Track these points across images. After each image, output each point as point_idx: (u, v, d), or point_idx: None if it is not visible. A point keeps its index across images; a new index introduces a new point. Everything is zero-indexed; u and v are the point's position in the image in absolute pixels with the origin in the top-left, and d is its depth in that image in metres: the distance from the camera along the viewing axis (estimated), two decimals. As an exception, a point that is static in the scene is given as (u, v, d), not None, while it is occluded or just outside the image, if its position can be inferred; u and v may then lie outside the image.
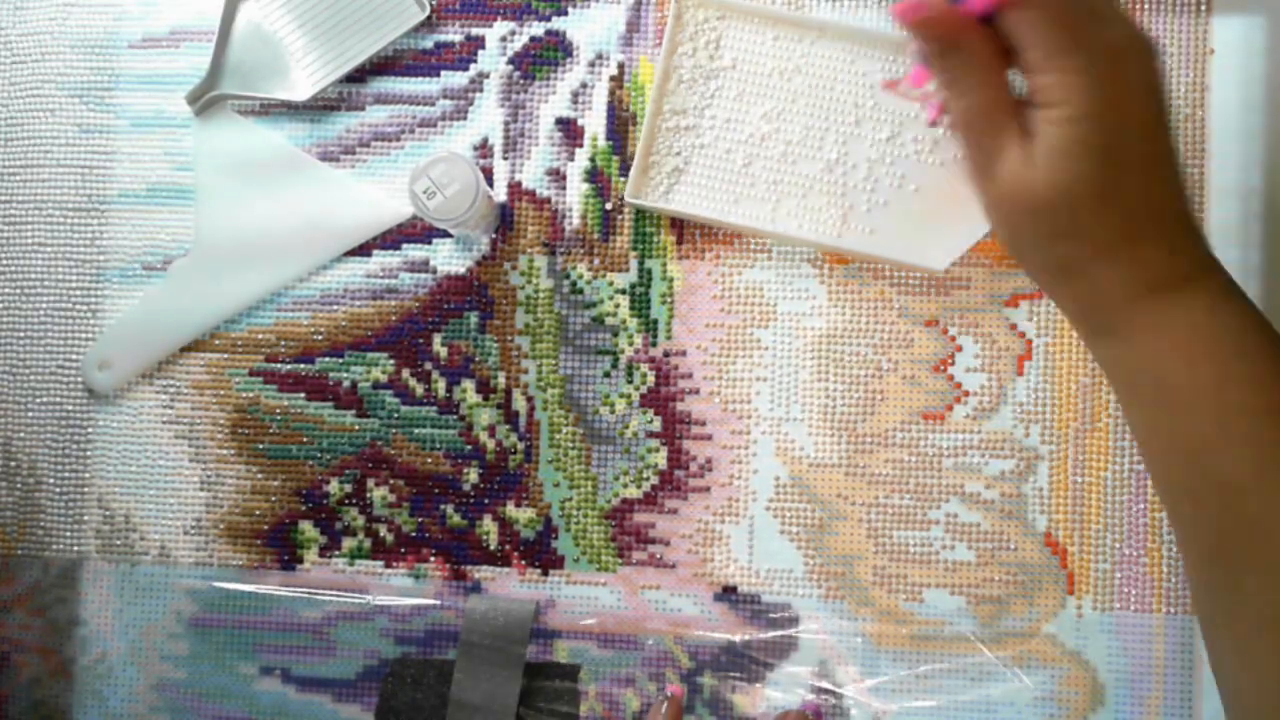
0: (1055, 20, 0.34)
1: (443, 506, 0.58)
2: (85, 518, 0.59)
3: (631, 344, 0.58)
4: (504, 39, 0.59)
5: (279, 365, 0.58)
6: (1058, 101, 0.35)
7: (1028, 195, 0.36)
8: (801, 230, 0.56)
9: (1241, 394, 0.35)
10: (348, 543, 0.58)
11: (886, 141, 0.56)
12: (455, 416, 0.58)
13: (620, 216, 0.58)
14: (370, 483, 0.58)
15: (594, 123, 0.58)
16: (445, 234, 0.58)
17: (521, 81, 0.59)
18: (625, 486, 0.57)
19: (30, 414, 0.59)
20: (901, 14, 0.35)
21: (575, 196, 0.58)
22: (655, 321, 0.58)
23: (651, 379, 0.57)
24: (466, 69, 0.59)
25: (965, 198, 0.55)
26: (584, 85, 0.59)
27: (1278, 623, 0.35)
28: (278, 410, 0.58)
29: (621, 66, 0.58)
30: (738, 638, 0.56)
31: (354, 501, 0.58)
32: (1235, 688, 0.37)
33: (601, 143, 0.58)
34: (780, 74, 0.56)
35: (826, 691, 0.56)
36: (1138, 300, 0.37)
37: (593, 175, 0.58)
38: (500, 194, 0.59)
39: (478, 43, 0.59)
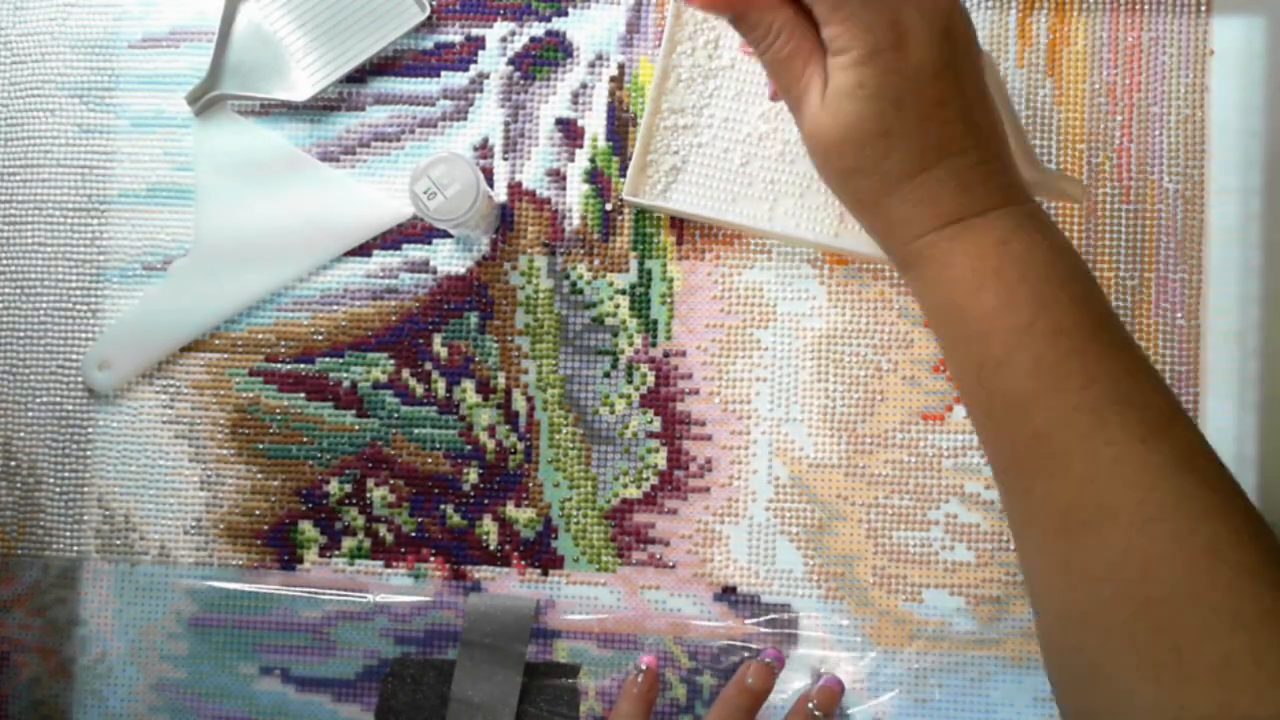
0: None
1: (443, 506, 0.58)
2: (85, 518, 0.59)
3: (631, 344, 0.58)
4: (504, 39, 0.59)
5: (279, 365, 0.58)
6: (843, 49, 0.38)
7: (823, 135, 0.39)
8: (799, 229, 0.56)
9: (1024, 316, 0.38)
10: (348, 543, 0.58)
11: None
12: (455, 416, 0.58)
13: (620, 217, 0.58)
14: (370, 483, 0.58)
15: (594, 123, 0.58)
16: (445, 234, 0.58)
17: (521, 82, 0.59)
18: (625, 487, 0.57)
19: (30, 414, 0.59)
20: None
21: (575, 197, 0.58)
22: (655, 322, 0.58)
23: (651, 379, 0.57)
24: (466, 69, 0.59)
25: None
26: (584, 86, 0.59)
27: (1065, 522, 0.37)
28: (278, 410, 0.58)
29: (621, 67, 0.58)
30: (738, 637, 0.56)
31: (354, 501, 0.58)
32: (1037, 587, 0.39)
33: (601, 143, 0.58)
34: None
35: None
36: (929, 233, 0.39)
37: (593, 176, 0.58)
38: (500, 194, 0.59)
39: (478, 43, 0.59)
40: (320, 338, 0.58)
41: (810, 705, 0.53)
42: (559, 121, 0.59)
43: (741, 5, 0.39)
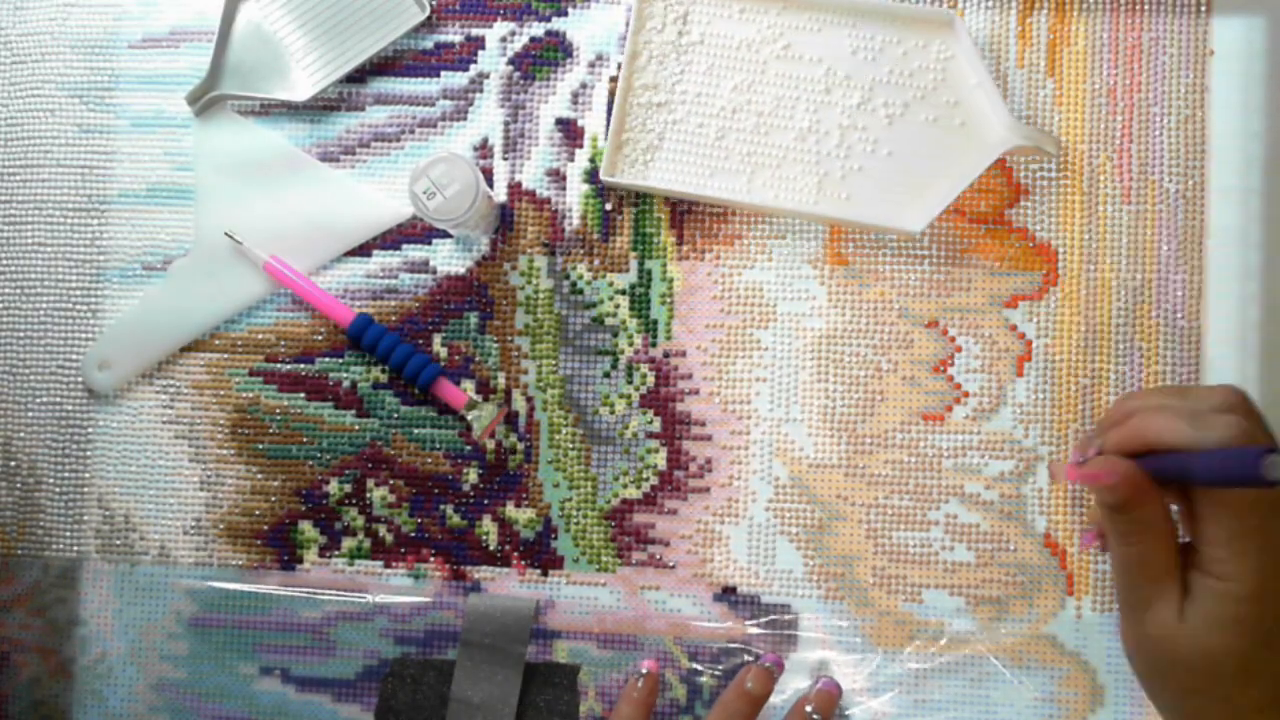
0: (1248, 511, 0.36)
1: (442, 507, 0.58)
2: (85, 518, 0.59)
3: (631, 344, 0.58)
4: (504, 39, 0.59)
5: (279, 365, 0.58)
6: (1226, 576, 0.37)
7: (1174, 650, 0.38)
8: (778, 200, 0.56)
9: None
10: (347, 543, 0.58)
11: (857, 108, 0.56)
12: (455, 417, 0.58)
13: (620, 217, 0.58)
14: (370, 483, 0.58)
15: (594, 123, 0.58)
16: (445, 234, 0.58)
17: (521, 82, 0.59)
18: (625, 487, 0.57)
19: (30, 414, 0.59)
20: (1080, 479, 0.38)
21: (575, 197, 0.58)
22: (655, 322, 0.58)
23: (651, 379, 0.57)
24: (466, 69, 0.59)
25: (939, 159, 0.55)
26: (584, 85, 0.59)
27: None
28: (278, 410, 0.58)
29: (621, 67, 0.58)
30: (738, 637, 0.56)
31: (354, 501, 0.58)
32: None
33: (601, 143, 0.58)
34: (748, 46, 0.57)
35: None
36: None
37: (593, 175, 0.58)
38: (500, 194, 0.59)
39: (478, 43, 0.59)
40: (320, 338, 0.58)
41: (808, 709, 0.53)
42: (559, 121, 0.59)
43: (1136, 496, 0.38)
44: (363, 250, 0.59)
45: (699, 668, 0.56)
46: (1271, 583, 0.37)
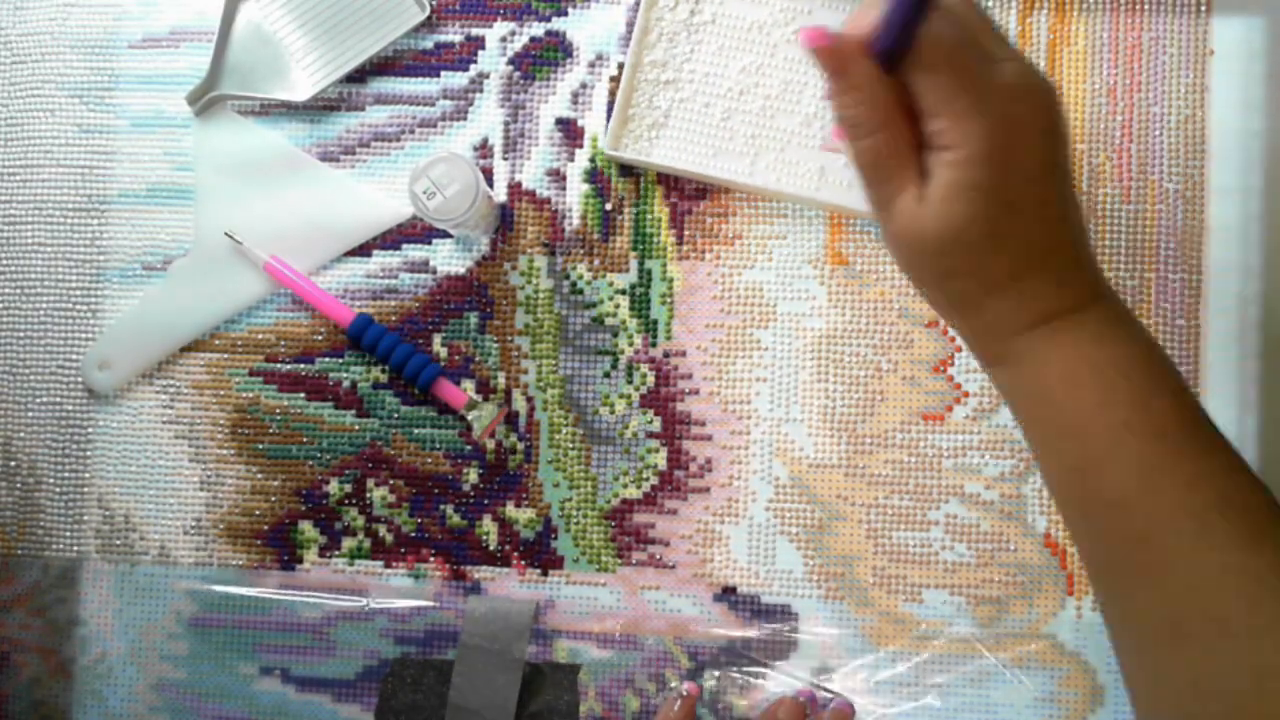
0: (948, 66, 0.35)
1: (442, 507, 0.58)
2: (85, 518, 0.59)
3: (631, 344, 0.58)
4: (504, 39, 0.59)
5: (279, 365, 0.58)
6: (950, 145, 0.36)
7: (920, 236, 0.37)
8: (780, 184, 0.56)
9: (1124, 415, 0.37)
10: (347, 543, 0.58)
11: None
12: (455, 417, 0.58)
13: (620, 217, 0.58)
14: (370, 483, 0.58)
15: (594, 123, 0.58)
16: (445, 234, 0.58)
17: (521, 82, 0.59)
18: (625, 487, 0.57)
19: (30, 414, 0.59)
20: (807, 38, 0.36)
21: (575, 196, 0.58)
22: (655, 322, 0.58)
23: (651, 379, 0.57)
24: (466, 69, 0.59)
25: None
26: (584, 85, 0.59)
27: (1170, 630, 0.36)
28: (278, 410, 0.58)
29: (621, 67, 0.58)
30: (738, 638, 0.56)
31: (354, 501, 0.58)
32: (1138, 688, 0.38)
33: (602, 140, 0.58)
34: (759, 28, 0.57)
35: (827, 692, 0.56)
36: (1026, 331, 0.38)
37: (593, 175, 0.58)
38: (500, 194, 0.59)
39: (478, 43, 0.59)
40: (320, 338, 0.58)
41: None
42: (559, 121, 0.59)
43: (851, 68, 0.36)
44: (363, 250, 0.59)
45: (699, 667, 0.56)
46: (999, 140, 0.35)
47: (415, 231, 0.59)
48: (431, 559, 0.58)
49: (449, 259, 0.58)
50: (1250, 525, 0.35)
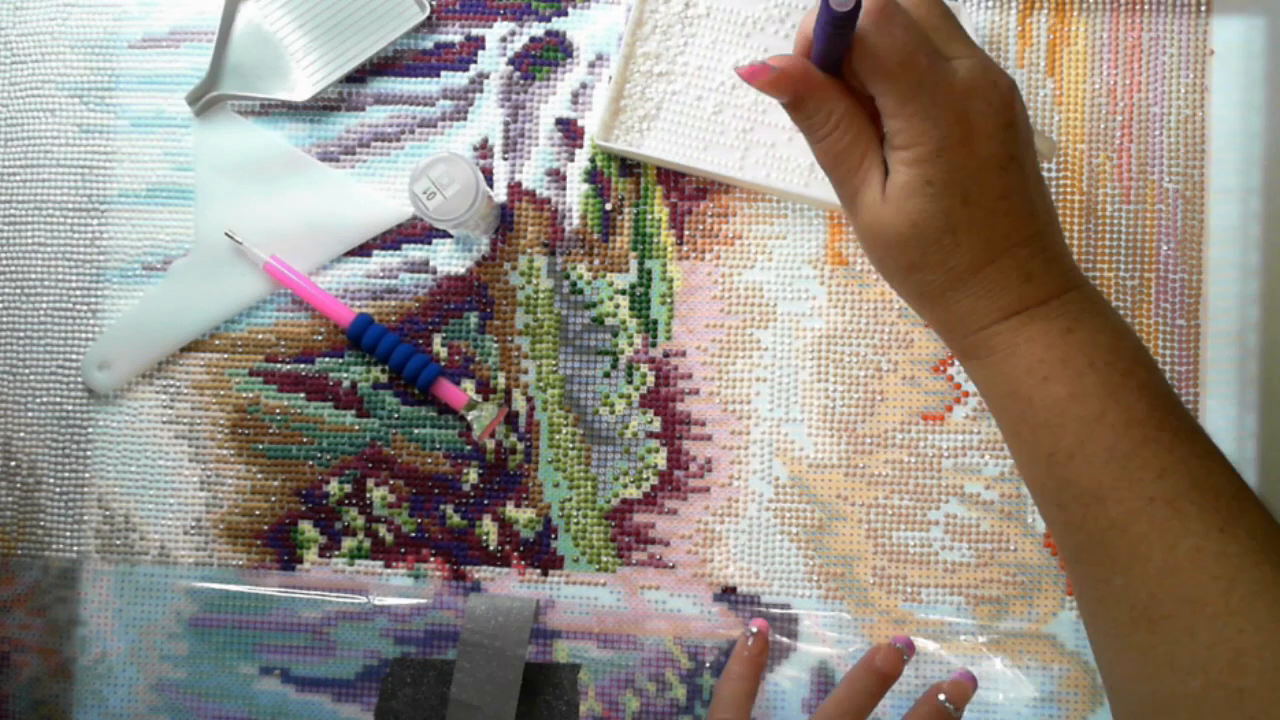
0: (901, 70, 0.36)
1: (442, 506, 0.58)
2: (85, 518, 0.59)
3: (631, 344, 0.58)
4: (504, 39, 0.59)
5: (279, 365, 0.58)
6: (908, 144, 0.37)
7: (883, 231, 0.38)
8: (769, 179, 0.56)
9: (1095, 406, 0.37)
10: (347, 543, 0.58)
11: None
12: (455, 417, 0.58)
13: (620, 217, 0.58)
14: (370, 483, 0.58)
15: (594, 123, 0.58)
16: (445, 234, 0.58)
17: (521, 82, 0.59)
18: (625, 487, 0.57)
19: (30, 414, 0.59)
20: (746, 77, 0.37)
21: (575, 196, 0.58)
22: (655, 322, 0.58)
23: (651, 379, 0.57)
24: (466, 69, 0.59)
25: None
26: (584, 85, 0.59)
27: (1145, 619, 0.37)
28: (278, 410, 0.58)
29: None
30: (737, 638, 0.56)
31: (354, 501, 0.58)
32: (1113, 675, 0.39)
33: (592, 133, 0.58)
34: (754, 23, 0.57)
35: (827, 691, 0.56)
36: (993, 325, 0.39)
37: (593, 175, 0.58)
38: (500, 194, 0.59)
39: (478, 43, 0.59)
40: (320, 338, 0.58)
41: (941, 697, 0.53)
42: (559, 121, 0.59)
43: (802, 89, 0.37)
44: (363, 250, 0.59)
45: (699, 667, 0.56)
46: (953, 137, 0.36)
47: (415, 231, 0.59)
48: (431, 559, 0.58)
49: (449, 259, 0.58)
50: (1221, 509, 0.36)
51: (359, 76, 0.59)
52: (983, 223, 0.37)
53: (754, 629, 0.55)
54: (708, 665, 0.56)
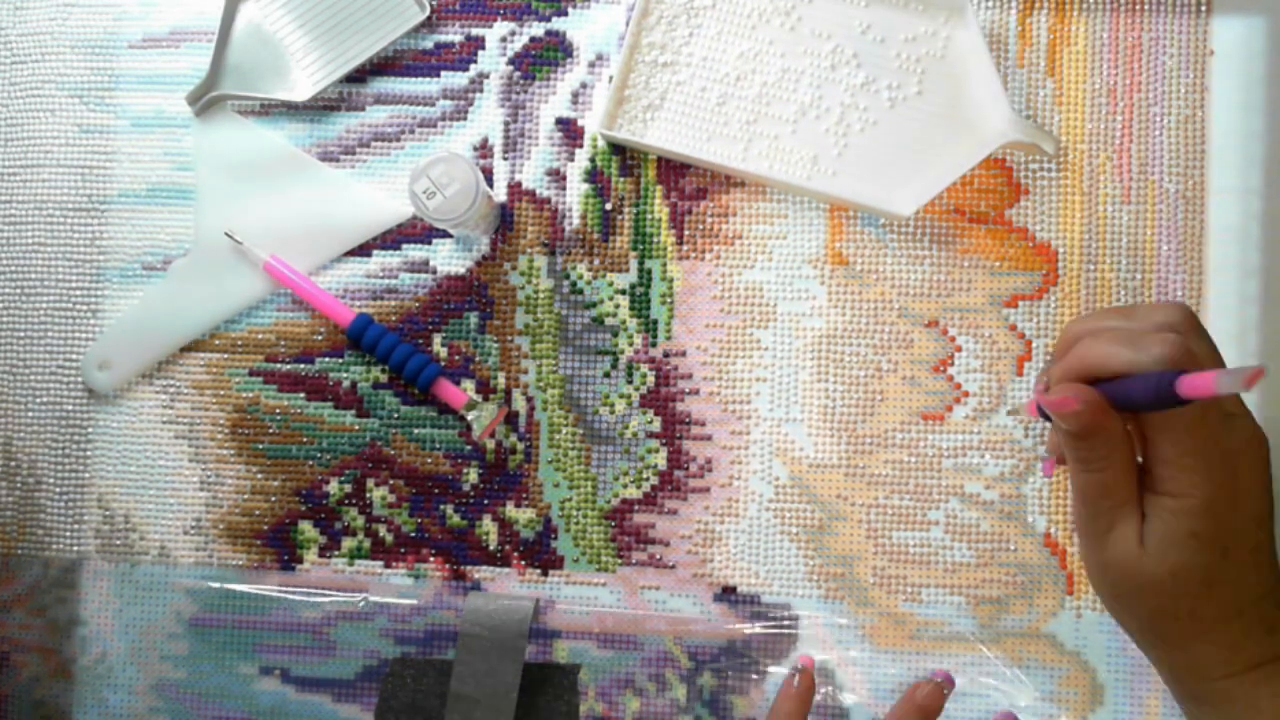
0: (1196, 422, 0.37)
1: (442, 506, 0.58)
2: (85, 518, 0.59)
3: (631, 344, 0.58)
4: (504, 39, 0.59)
5: (279, 365, 0.58)
6: (1178, 493, 0.37)
7: (1137, 574, 0.38)
8: (772, 171, 0.56)
9: None
10: (347, 543, 0.58)
11: (860, 88, 0.56)
12: (455, 417, 0.58)
13: (620, 217, 0.58)
14: (370, 483, 0.58)
15: (594, 123, 0.58)
16: (445, 234, 0.58)
17: (521, 81, 0.59)
18: (625, 487, 0.57)
19: (30, 414, 0.59)
20: (1054, 407, 0.37)
21: (575, 196, 0.58)
22: (655, 322, 0.58)
23: (651, 379, 0.57)
24: (466, 69, 0.59)
25: (935, 145, 0.55)
26: (584, 85, 0.59)
27: None
28: (278, 410, 0.58)
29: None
30: (738, 638, 0.56)
31: (354, 501, 0.58)
32: None
33: (601, 143, 0.58)
34: (760, 15, 0.57)
35: (827, 691, 0.56)
36: (1234, 676, 0.39)
37: (593, 175, 0.58)
38: (500, 194, 0.59)
39: (478, 43, 0.59)
40: (320, 338, 0.58)
41: (925, 691, 0.53)
42: (559, 121, 0.59)
43: (1102, 423, 0.37)
44: (363, 250, 0.59)
45: (699, 667, 0.56)
46: (1221, 491, 0.37)
47: (415, 231, 0.59)
48: (431, 559, 0.58)
49: (449, 259, 0.58)
50: None
51: (359, 76, 0.59)
52: (1238, 576, 0.38)
53: (800, 665, 0.54)
54: (708, 665, 0.56)
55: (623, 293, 0.58)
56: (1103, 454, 0.38)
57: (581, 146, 0.58)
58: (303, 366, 0.58)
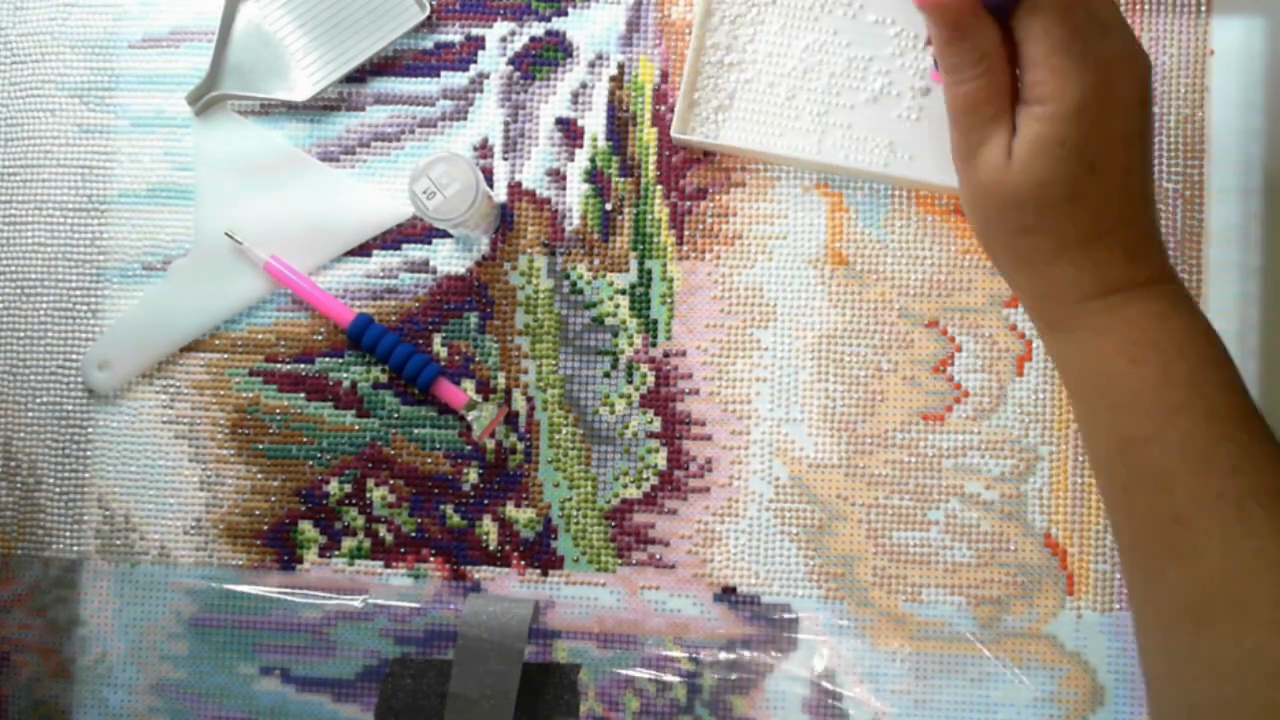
0: (1060, 20, 0.36)
1: (442, 507, 0.58)
2: (85, 518, 0.59)
3: (631, 344, 0.58)
4: (504, 39, 0.59)
5: (279, 365, 0.58)
6: (1045, 98, 0.36)
7: (1001, 187, 0.37)
8: (848, 160, 0.56)
9: (1178, 394, 0.37)
10: (347, 543, 0.58)
11: (929, 71, 0.56)
12: (455, 417, 0.58)
13: (620, 217, 0.58)
14: (370, 483, 0.58)
15: (594, 123, 0.58)
16: (445, 234, 0.58)
17: (521, 82, 0.59)
18: (625, 487, 0.57)
19: (30, 414, 0.59)
20: (926, 3, 0.36)
21: (575, 196, 0.58)
22: (655, 322, 0.58)
23: (651, 379, 0.57)
24: (466, 69, 0.59)
25: None
26: (584, 85, 0.59)
27: (1195, 611, 0.36)
28: (278, 410, 0.58)
29: (621, 67, 0.58)
30: (738, 637, 0.56)
31: (354, 501, 0.58)
32: (1157, 672, 0.38)
33: (601, 143, 0.58)
34: (821, 6, 0.57)
35: (827, 691, 0.56)
36: (1090, 299, 0.38)
37: (593, 175, 0.58)
38: (500, 194, 0.59)
39: (478, 43, 0.59)
40: (320, 338, 0.58)
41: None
42: (559, 121, 0.59)
43: (967, 19, 0.36)
44: (363, 250, 0.59)
45: (699, 667, 0.56)
46: (1092, 98, 0.36)
47: (415, 231, 0.59)
48: (431, 559, 0.58)
49: (449, 259, 0.58)
50: None
51: (359, 76, 0.59)
52: (1104, 194, 0.37)
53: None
54: (708, 665, 0.56)
55: (623, 293, 0.58)
56: (972, 60, 0.37)
57: (581, 146, 0.58)
58: (303, 366, 0.58)
